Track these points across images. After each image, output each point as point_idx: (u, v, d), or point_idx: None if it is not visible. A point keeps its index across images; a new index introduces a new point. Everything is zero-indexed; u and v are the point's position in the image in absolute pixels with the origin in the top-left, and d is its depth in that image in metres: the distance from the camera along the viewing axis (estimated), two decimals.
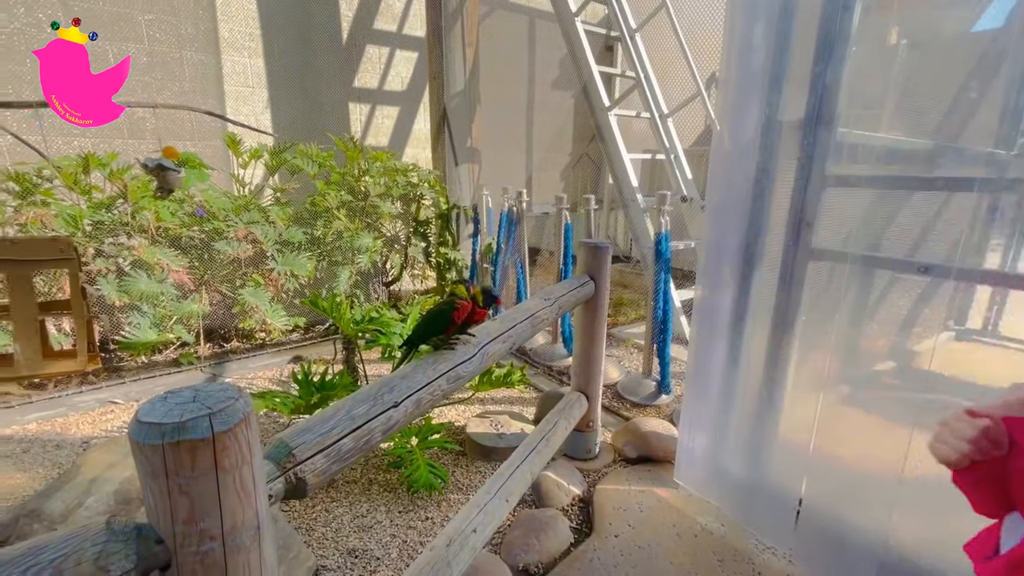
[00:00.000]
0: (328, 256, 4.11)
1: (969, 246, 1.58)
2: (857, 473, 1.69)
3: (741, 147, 1.97)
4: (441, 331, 1.29)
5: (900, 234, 1.73)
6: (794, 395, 1.93)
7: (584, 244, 2.19)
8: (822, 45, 1.74)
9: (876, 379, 1.79)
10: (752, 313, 2.04)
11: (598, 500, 2.13)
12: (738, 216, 2.01)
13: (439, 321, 1.28)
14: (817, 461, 1.76)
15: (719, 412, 2.10)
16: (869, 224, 1.80)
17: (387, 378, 1.10)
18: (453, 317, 1.28)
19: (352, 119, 5.17)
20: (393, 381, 1.09)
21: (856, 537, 1.61)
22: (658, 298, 2.93)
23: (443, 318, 1.28)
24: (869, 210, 1.79)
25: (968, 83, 1.73)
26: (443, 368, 1.21)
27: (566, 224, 3.35)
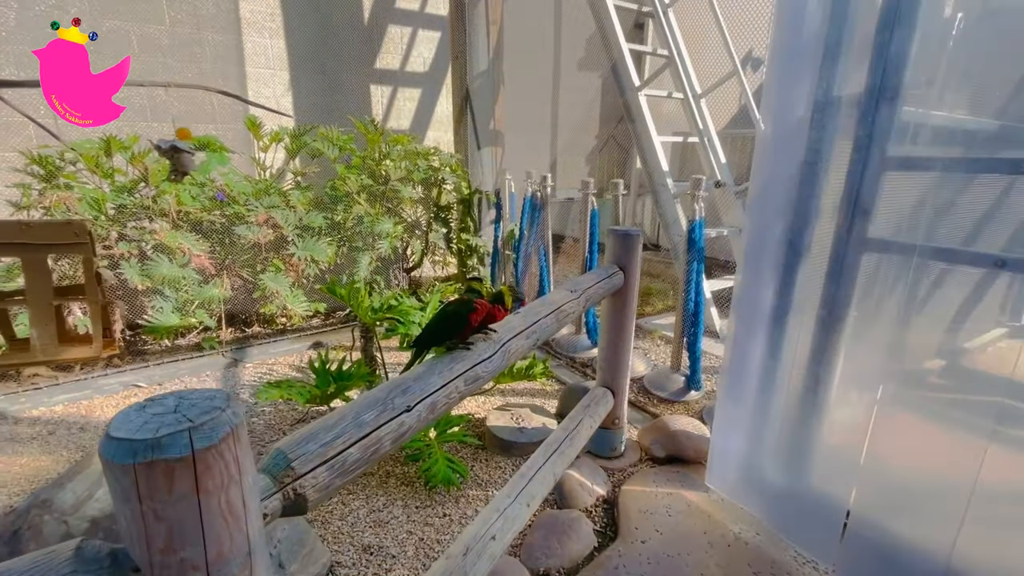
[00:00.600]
0: (348, 242, 4.06)
1: None
2: (917, 484, 1.53)
3: (790, 125, 1.79)
4: (455, 334, 1.18)
5: (969, 224, 1.55)
6: (843, 396, 1.78)
7: (613, 232, 2.05)
8: (889, 9, 1.55)
9: (941, 381, 1.63)
10: (796, 307, 1.89)
11: (623, 502, 2.02)
12: (784, 202, 1.85)
13: (454, 324, 1.17)
14: (870, 469, 1.61)
15: (757, 412, 1.96)
16: (937, 212, 1.61)
17: (399, 379, 1.01)
18: (470, 320, 1.16)
19: (373, 101, 5.07)
20: (406, 382, 1.00)
21: (912, 555, 1.47)
22: (689, 289, 2.78)
23: (458, 321, 1.16)
24: (937, 197, 1.61)
25: None
26: (460, 368, 1.11)
27: (592, 210, 3.20)
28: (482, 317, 1.18)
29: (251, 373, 3.28)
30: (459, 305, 1.18)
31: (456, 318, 1.17)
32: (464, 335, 1.20)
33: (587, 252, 3.26)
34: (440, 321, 1.18)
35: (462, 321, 1.16)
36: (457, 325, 1.17)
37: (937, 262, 1.65)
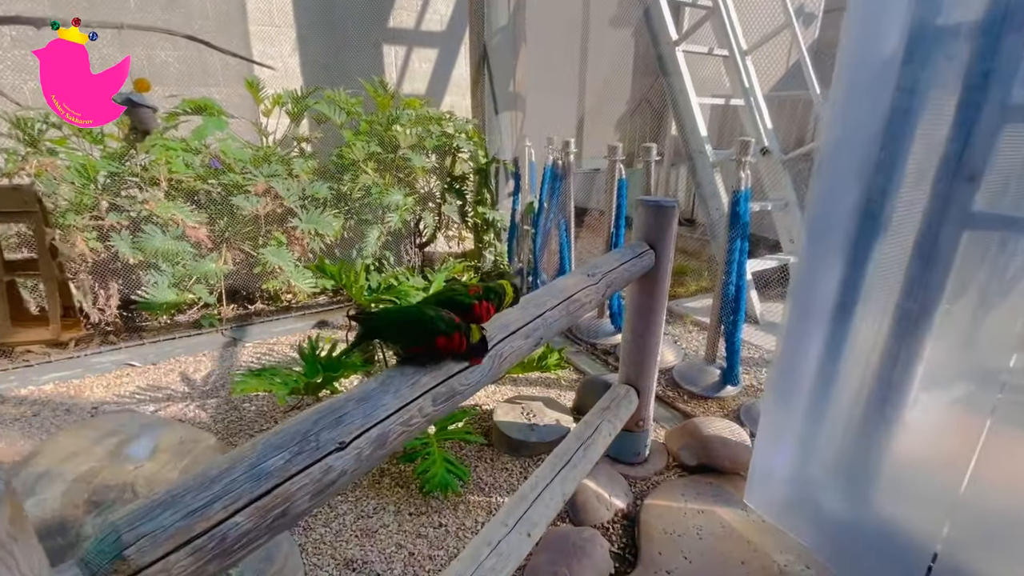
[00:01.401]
0: (356, 214, 3.80)
1: None
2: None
3: (874, 65, 1.40)
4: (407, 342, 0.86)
5: None
6: (936, 408, 1.43)
7: (643, 203, 1.71)
8: None
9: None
10: (871, 295, 1.52)
11: (646, 519, 1.74)
12: (860, 164, 1.47)
13: (414, 331, 0.84)
14: (973, 503, 1.27)
15: (814, 421, 1.63)
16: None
17: (333, 401, 0.72)
18: (438, 345, 0.83)
19: (387, 63, 4.73)
20: (343, 406, 0.72)
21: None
22: (731, 270, 2.41)
23: (421, 331, 0.83)
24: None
25: None
26: (428, 381, 0.82)
27: (620, 179, 2.83)
28: (453, 346, 0.86)
29: (250, 353, 3.10)
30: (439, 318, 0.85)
31: (423, 328, 0.84)
32: (424, 353, 0.86)
33: (613, 227, 2.91)
34: (407, 320, 0.86)
35: (430, 336, 0.83)
36: (421, 336, 0.84)
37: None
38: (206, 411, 2.47)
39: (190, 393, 2.64)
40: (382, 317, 0.89)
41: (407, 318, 0.86)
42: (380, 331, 0.89)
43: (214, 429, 2.32)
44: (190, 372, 2.85)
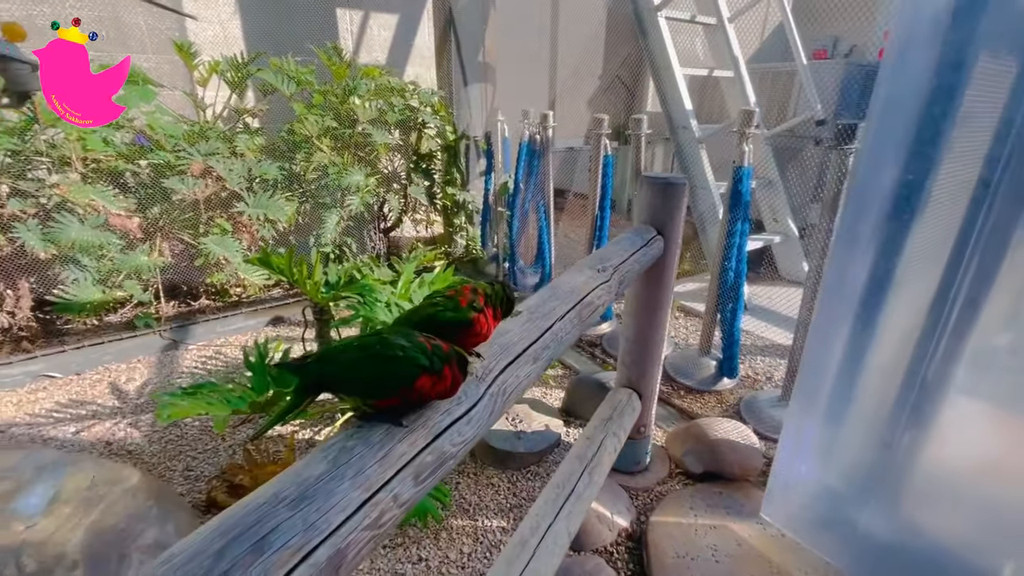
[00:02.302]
0: (312, 197, 3.43)
1: None
2: None
3: (928, 15, 1.18)
4: (385, 394, 0.58)
5: None
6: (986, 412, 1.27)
7: (649, 181, 1.46)
8: None
9: None
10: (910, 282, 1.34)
11: (654, 540, 1.54)
12: (903, 134, 1.26)
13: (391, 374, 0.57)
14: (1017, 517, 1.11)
15: (844, 427, 1.45)
16: None
17: (248, 504, 0.45)
18: (418, 385, 0.58)
19: (341, 29, 4.27)
20: (268, 515, 0.44)
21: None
22: (730, 255, 2.22)
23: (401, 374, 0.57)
24: None
25: None
26: (404, 452, 0.56)
27: (606, 156, 2.58)
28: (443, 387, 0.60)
29: (194, 358, 2.73)
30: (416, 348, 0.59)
31: (399, 368, 0.58)
32: (398, 402, 0.60)
33: (598, 209, 2.66)
34: (368, 359, 0.58)
35: (406, 377, 0.58)
36: (394, 380, 0.58)
37: None
38: (139, 429, 2.13)
39: (120, 408, 2.27)
40: (332, 360, 0.61)
41: (369, 356, 0.58)
42: (331, 382, 0.61)
43: (147, 453, 1.98)
44: (121, 382, 2.48)
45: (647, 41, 3.36)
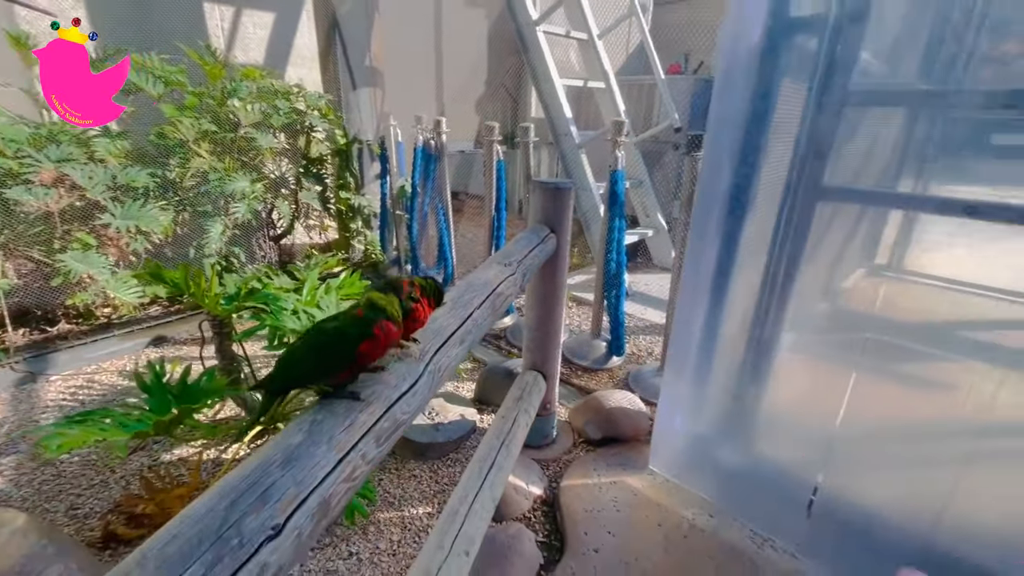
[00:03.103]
0: (191, 205, 3.19)
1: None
2: (901, 454, 1.43)
3: (745, 52, 1.51)
4: (327, 373, 0.69)
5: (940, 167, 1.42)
6: (804, 361, 1.64)
7: (540, 185, 1.66)
8: None
9: (912, 343, 1.52)
10: (744, 265, 1.68)
11: (565, 502, 1.75)
12: (732, 146, 1.59)
13: (329, 354, 0.68)
14: (845, 440, 1.48)
15: (704, 385, 1.77)
16: (902, 155, 1.47)
17: (245, 470, 0.54)
18: (360, 351, 0.68)
19: (210, 25, 3.99)
20: (264, 475, 0.53)
21: (888, 531, 1.37)
22: (611, 248, 2.52)
23: (338, 351, 0.68)
24: (905, 136, 1.45)
25: None
26: (367, 420, 0.67)
27: (498, 161, 2.77)
28: (384, 346, 0.71)
29: (60, 390, 2.44)
30: (349, 324, 0.70)
31: (337, 346, 0.68)
32: (351, 373, 0.71)
33: (494, 211, 2.85)
34: (311, 348, 0.69)
35: (346, 352, 0.68)
36: (335, 359, 0.68)
37: (899, 210, 1.52)
38: (2, 476, 1.88)
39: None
40: (285, 363, 0.70)
41: (309, 347, 0.69)
42: (291, 382, 0.71)
43: (17, 498, 1.77)
44: None
45: (528, 55, 3.63)
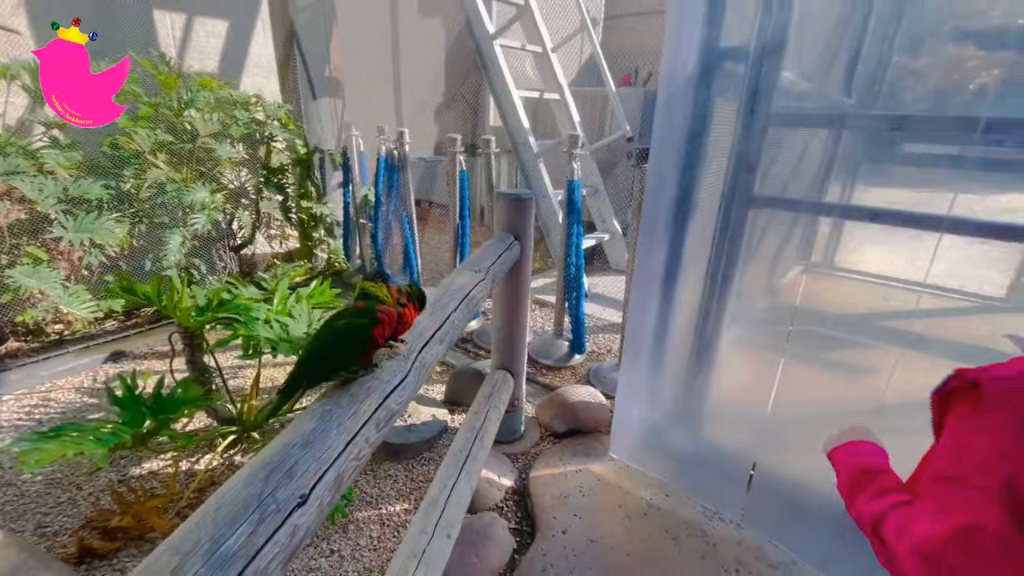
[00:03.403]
0: (148, 217, 3.14)
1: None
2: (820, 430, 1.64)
3: (681, 80, 1.69)
4: (353, 359, 0.82)
5: (850, 178, 1.64)
6: (742, 351, 1.83)
7: (504, 197, 1.79)
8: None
9: (839, 334, 1.74)
10: (688, 267, 1.87)
11: (535, 490, 1.88)
12: (675, 160, 1.77)
13: (352, 345, 0.81)
14: (776, 421, 1.67)
15: (655, 377, 1.95)
16: (818, 168, 1.69)
17: (272, 453, 0.63)
18: (374, 336, 0.81)
19: (161, 34, 3.92)
20: (288, 454, 0.63)
21: (815, 497, 1.57)
22: (570, 252, 2.68)
23: (357, 339, 0.81)
24: (820, 153, 1.67)
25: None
26: (367, 408, 0.77)
27: (461, 172, 2.89)
28: (391, 329, 0.84)
29: (13, 410, 2.36)
30: (356, 316, 0.82)
31: (353, 336, 0.81)
32: (367, 357, 0.85)
33: (458, 219, 2.96)
34: (331, 344, 0.81)
35: (364, 338, 0.80)
36: (356, 346, 0.81)
37: (816, 215, 1.73)
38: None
39: None
40: (305, 365, 0.82)
41: (335, 341, 0.80)
42: (314, 375, 0.82)
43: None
44: None
45: (487, 68, 3.76)
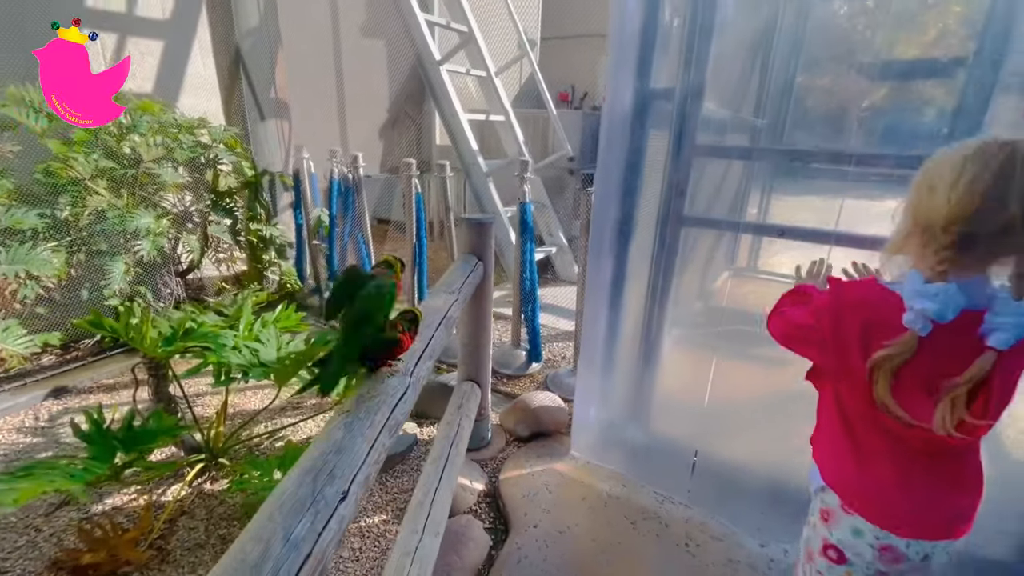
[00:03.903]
0: (87, 245, 3.02)
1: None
2: (748, 418, 1.90)
3: (621, 116, 1.93)
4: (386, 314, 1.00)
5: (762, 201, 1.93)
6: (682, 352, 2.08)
7: (467, 221, 1.95)
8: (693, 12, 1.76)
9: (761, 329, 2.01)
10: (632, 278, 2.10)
11: (505, 491, 2.03)
12: (617, 186, 2.00)
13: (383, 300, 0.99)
14: (712, 413, 1.92)
15: (609, 378, 2.16)
16: (734, 192, 1.97)
17: (314, 458, 0.75)
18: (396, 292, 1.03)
19: (91, 54, 3.78)
20: (327, 462, 0.75)
21: (746, 475, 1.82)
22: (524, 268, 2.87)
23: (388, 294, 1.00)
24: (736, 179, 1.95)
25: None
26: (380, 420, 0.90)
27: (417, 194, 3.01)
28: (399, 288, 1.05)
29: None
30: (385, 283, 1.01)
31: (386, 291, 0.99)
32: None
33: (415, 239, 3.08)
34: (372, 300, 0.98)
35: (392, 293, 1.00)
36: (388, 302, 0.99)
37: (736, 233, 2.01)
38: None
39: None
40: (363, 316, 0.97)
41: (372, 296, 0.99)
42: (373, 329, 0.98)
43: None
44: None
45: (435, 93, 3.92)
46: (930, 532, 0.88)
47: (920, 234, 0.82)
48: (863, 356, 0.84)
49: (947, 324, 0.78)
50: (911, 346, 0.79)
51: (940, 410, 0.79)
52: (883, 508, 0.89)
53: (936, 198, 0.78)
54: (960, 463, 0.89)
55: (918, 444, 0.86)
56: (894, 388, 0.82)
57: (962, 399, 0.78)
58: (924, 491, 0.88)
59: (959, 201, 0.75)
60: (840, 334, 0.88)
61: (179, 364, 2.38)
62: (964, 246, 0.77)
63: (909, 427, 0.84)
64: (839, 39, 2.43)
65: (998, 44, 2.46)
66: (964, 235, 0.76)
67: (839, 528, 0.95)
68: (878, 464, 0.90)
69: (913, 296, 0.80)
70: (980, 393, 0.78)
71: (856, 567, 0.94)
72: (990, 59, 2.44)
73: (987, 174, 0.73)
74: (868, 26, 3.77)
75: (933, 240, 0.79)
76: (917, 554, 0.89)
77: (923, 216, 0.81)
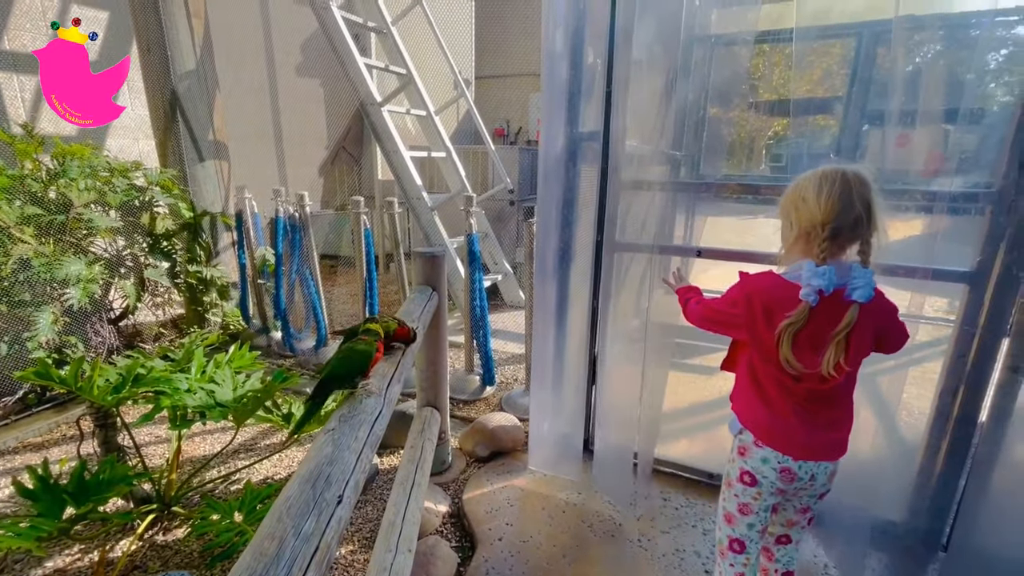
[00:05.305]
0: (8, 295, 2.86)
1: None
2: (683, 421, 2.11)
3: (555, 156, 2.16)
4: (365, 368, 1.20)
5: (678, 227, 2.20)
6: (618, 365, 2.28)
7: (420, 254, 2.08)
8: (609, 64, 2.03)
9: (684, 340, 2.26)
10: (573, 301, 2.30)
11: (469, 509, 2.11)
12: (556, 218, 2.22)
13: (365, 358, 1.20)
14: (644, 419, 2.12)
15: (558, 394, 2.33)
16: (656, 220, 2.23)
17: (311, 468, 0.85)
18: (376, 358, 1.23)
19: (7, 96, 3.64)
20: (323, 471, 0.86)
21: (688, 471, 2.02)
22: (474, 296, 3.02)
23: (368, 355, 1.20)
24: (658, 208, 2.22)
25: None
26: (363, 435, 1.01)
27: (366, 230, 3.11)
28: (381, 352, 1.26)
29: None
30: (366, 343, 1.23)
31: (367, 353, 1.21)
32: (368, 375, 1.22)
33: (365, 274, 3.15)
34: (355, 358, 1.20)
35: (371, 354, 1.21)
36: (367, 359, 1.20)
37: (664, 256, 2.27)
38: None
39: None
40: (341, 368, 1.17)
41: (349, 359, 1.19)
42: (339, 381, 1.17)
43: None
44: None
45: (377, 133, 4.06)
46: (816, 455, 1.17)
47: (806, 235, 1.13)
48: (769, 328, 1.13)
49: (827, 297, 1.08)
50: (804, 315, 1.08)
51: (827, 355, 1.07)
52: (784, 440, 1.18)
53: (810, 207, 1.10)
54: (835, 407, 1.18)
55: (803, 393, 1.16)
56: (793, 348, 1.10)
57: (842, 344, 1.07)
58: (811, 427, 1.17)
59: (826, 207, 1.07)
60: (751, 313, 1.16)
61: (126, 412, 2.31)
62: (833, 237, 1.08)
63: (798, 381, 1.14)
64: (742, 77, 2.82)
65: (863, 88, 2.94)
66: (833, 230, 1.08)
67: (752, 458, 1.22)
68: (779, 409, 1.19)
69: (810, 276, 1.08)
70: (851, 342, 1.07)
71: (763, 486, 1.22)
72: (857, 102, 2.92)
73: (836, 188, 1.07)
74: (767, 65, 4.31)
75: (816, 236, 1.10)
76: (807, 473, 1.17)
77: (806, 221, 1.12)
